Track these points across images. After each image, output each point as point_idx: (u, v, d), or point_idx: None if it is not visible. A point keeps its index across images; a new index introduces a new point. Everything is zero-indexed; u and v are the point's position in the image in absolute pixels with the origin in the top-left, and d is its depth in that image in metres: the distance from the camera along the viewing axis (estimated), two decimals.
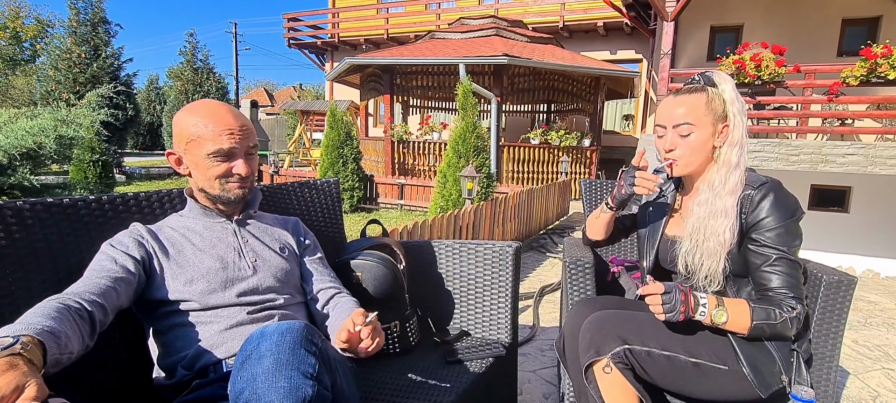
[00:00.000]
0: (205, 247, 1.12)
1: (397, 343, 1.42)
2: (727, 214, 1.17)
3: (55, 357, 0.73)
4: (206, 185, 1.13)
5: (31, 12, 26.39)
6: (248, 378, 0.74)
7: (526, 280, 3.97)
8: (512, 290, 1.55)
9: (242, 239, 1.19)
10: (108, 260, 1.01)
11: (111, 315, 0.94)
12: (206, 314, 1.07)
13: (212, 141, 1.08)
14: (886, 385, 2.37)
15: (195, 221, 1.17)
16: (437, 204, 5.41)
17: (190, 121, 1.08)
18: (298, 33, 15.45)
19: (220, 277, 1.09)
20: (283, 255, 1.23)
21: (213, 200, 1.16)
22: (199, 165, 1.10)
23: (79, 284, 0.94)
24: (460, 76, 7.91)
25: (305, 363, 0.77)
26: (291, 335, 0.79)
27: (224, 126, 1.09)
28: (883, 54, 4.58)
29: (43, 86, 12.60)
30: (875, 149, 4.49)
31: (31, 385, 0.62)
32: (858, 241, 5.52)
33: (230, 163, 1.12)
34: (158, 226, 1.15)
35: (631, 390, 1.14)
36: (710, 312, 1.11)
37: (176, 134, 1.11)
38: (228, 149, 1.09)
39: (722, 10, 7.75)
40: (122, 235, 1.08)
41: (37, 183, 7.45)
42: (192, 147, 1.09)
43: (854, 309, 3.54)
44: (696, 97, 1.22)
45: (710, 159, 1.25)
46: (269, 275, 1.16)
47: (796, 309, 1.11)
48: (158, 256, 1.08)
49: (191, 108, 1.11)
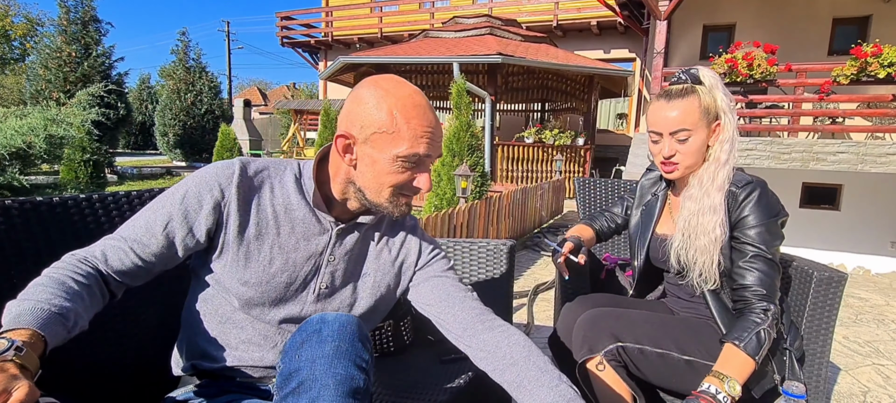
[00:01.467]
0: (286, 245, 0.93)
1: (391, 343, 1.42)
2: (716, 210, 1.18)
3: (62, 337, 0.73)
4: (373, 191, 0.91)
5: (20, 11, 26.12)
6: (308, 359, 0.75)
7: (520, 278, 3.98)
8: (506, 289, 1.55)
9: (331, 255, 0.96)
10: (163, 219, 0.87)
11: (143, 280, 0.90)
12: (242, 316, 0.95)
13: (408, 142, 0.86)
14: (876, 380, 2.40)
15: (300, 204, 0.94)
16: (431, 202, 5.40)
17: (386, 106, 0.85)
18: (292, 32, 15.39)
19: (276, 293, 0.93)
20: (365, 283, 1.01)
21: (368, 206, 0.94)
22: (379, 164, 0.88)
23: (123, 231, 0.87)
24: (454, 75, 7.91)
25: (361, 356, 0.78)
26: (351, 326, 0.80)
27: (426, 125, 0.87)
28: (873, 53, 4.63)
29: (33, 86, 12.48)
30: (865, 147, 4.53)
31: (20, 388, 0.61)
32: (849, 239, 5.58)
33: (416, 173, 0.91)
34: (261, 184, 0.93)
35: (624, 387, 1.15)
36: (727, 393, 1.04)
37: (359, 115, 0.87)
38: (422, 156, 0.88)
39: (714, 9, 7.79)
40: (206, 186, 0.88)
41: (26, 183, 7.38)
42: (380, 140, 0.86)
43: (845, 306, 3.57)
44: (690, 101, 1.20)
45: (703, 157, 1.25)
46: (328, 309, 0.97)
47: (769, 313, 1.11)
48: (229, 233, 0.89)
49: (388, 89, 0.86)
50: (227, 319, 0.95)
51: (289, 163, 0.99)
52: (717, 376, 1.07)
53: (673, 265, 1.28)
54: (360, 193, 0.93)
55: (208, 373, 0.98)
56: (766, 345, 1.09)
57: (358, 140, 0.88)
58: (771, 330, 1.10)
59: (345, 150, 0.89)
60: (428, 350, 1.45)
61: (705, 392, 1.04)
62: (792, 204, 6.23)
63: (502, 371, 0.90)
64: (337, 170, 0.94)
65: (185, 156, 16.73)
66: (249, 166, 0.93)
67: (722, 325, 1.19)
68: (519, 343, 0.91)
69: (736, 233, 1.18)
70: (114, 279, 0.86)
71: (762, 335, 1.09)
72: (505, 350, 0.91)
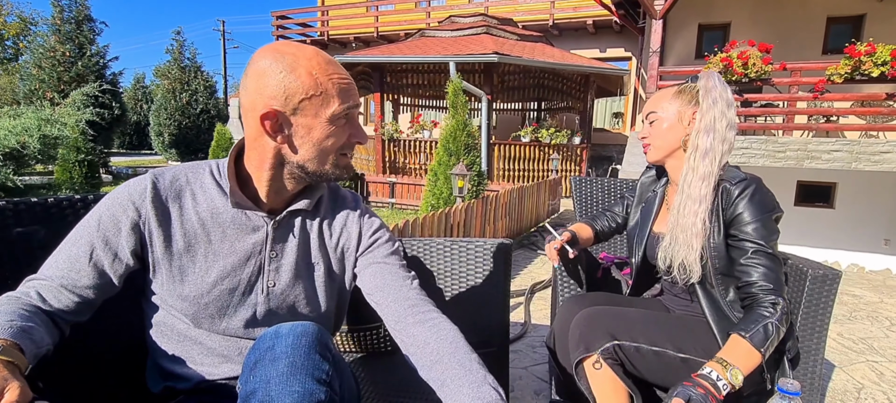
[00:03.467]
0: (220, 251, 0.87)
1: (388, 342, 1.42)
2: (697, 200, 1.18)
3: (33, 352, 0.70)
4: (317, 161, 0.85)
5: (13, 10, 25.87)
6: (262, 380, 0.72)
7: (517, 277, 3.98)
8: (503, 288, 1.55)
9: (271, 251, 0.91)
10: (85, 249, 0.81)
11: (87, 314, 0.84)
12: (197, 331, 0.91)
13: (338, 98, 0.81)
14: (870, 376, 2.41)
15: (227, 207, 0.88)
16: (428, 202, 5.40)
17: (303, 69, 0.78)
18: (287, 31, 15.34)
19: (221, 302, 0.88)
20: (316, 273, 0.96)
21: (308, 178, 0.88)
22: (316, 131, 0.82)
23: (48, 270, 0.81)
24: (451, 74, 7.90)
25: (319, 368, 0.75)
26: (306, 338, 0.76)
27: (343, 76, 0.82)
28: (867, 52, 4.66)
29: (26, 85, 12.40)
30: (859, 145, 4.56)
31: (12, 388, 0.60)
32: (843, 236, 5.62)
33: (350, 128, 0.86)
34: (179, 193, 0.87)
35: (620, 385, 1.15)
36: (728, 380, 1.03)
37: (275, 88, 0.78)
38: (352, 107, 0.84)
39: (709, 8, 7.82)
40: (120, 207, 0.83)
41: (20, 183, 7.34)
42: (311, 106, 0.80)
43: (839, 303, 3.59)
44: (667, 90, 1.30)
45: (679, 147, 1.27)
46: (283, 305, 0.92)
47: (779, 306, 1.10)
48: (156, 251, 0.84)
49: (294, 53, 0.80)
50: (185, 337, 0.90)
51: (205, 164, 0.93)
52: (721, 363, 1.04)
53: (660, 267, 1.28)
54: (298, 170, 0.86)
55: (184, 392, 0.93)
56: (773, 339, 1.07)
57: (286, 113, 0.80)
58: (780, 325, 1.08)
59: (275, 130, 0.81)
60: None
61: (705, 378, 1.02)
62: (787, 202, 6.26)
63: (428, 368, 0.84)
64: (263, 158, 0.85)
65: (180, 155, 16.67)
66: (162, 178, 0.87)
67: (712, 324, 1.19)
68: (446, 338, 0.85)
69: (733, 231, 1.18)
70: (58, 316, 0.80)
71: (770, 328, 1.07)
72: (432, 345, 0.85)
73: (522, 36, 10.03)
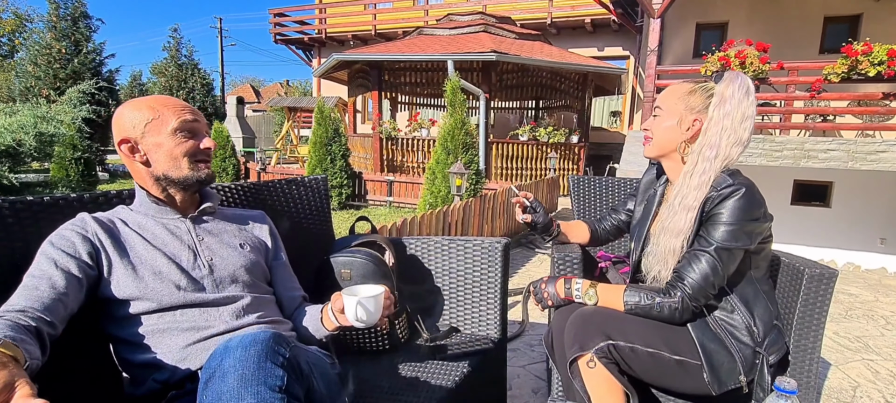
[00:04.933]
0: (157, 244, 1.04)
1: (386, 340, 1.42)
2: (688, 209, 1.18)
3: (25, 360, 0.70)
4: (172, 167, 1.05)
5: (8, 6, 25.69)
6: (213, 398, 0.72)
7: (515, 276, 3.99)
8: (501, 286, 1.56)
9: (198, 237, 1.10)
10: (48, 263, 0.90)
11: (61, 326, 0.87)
12: (166, 317, 0.99)
13: (174, 115, 1.04)
14: (866, 375, 2.43)
15: (146, 218, 1.07)
16: (426, 200, 5.40)
17: (143, 104, 1.04)
18: (285, 29, 15.29)
19: (173, 276, 1.01)
20: (244, 251, 1.15)
21: (180, 185, 1.07)
22: (164, 145, 1.03)
23: (18, 297, 0.84)
24: (449, 72, 7.90)
25: (272, 375, 0.75)
26: (256, 348, 0.76)
27: (178, 103, 1.07)
28: (863, 51, 4.67)
29: (22, 83, 12.34)
30: (856, 144, 4.58)
31: (22, 384, 0.60)
32: (840, 235, 5.64)
33: (197, 139, 1.07)
34: (109, 216, 1.05)
35: (615, 384, 1.15)
36: (583, 296, 1.27)
37: (127, 121, 1.03)
38: (191, 122, 1.06)
39: (707, 7, 7.84)
40: (66, 229, 0.97)
41: (16, 181, 7.30)
42: (153, 127, 1.03)
43: (835, 302, 3.61)
44: (681, 86, 1.27)
45: (675, 149, 1.26)
46: (227, 275, 1.08)
47: (678, 301, 1.15)
48: (107, 251, 0.98)
49: (138, 100, 1.06)
50: (154, 330, 0.98)
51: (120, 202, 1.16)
52: (593, 285, 1.26)
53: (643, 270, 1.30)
54: (164, 180, 1.06)
55: (164, 383, 0.97)
56: (647, 311, 1.18)
57: (137, 138, 1.03)
58: (662, 311, 1.17)
59: (132, 151, 1.03)
60: (423, 348, 1.45)
61: (568, 282, 1.29)
62: (783, 201, 6.28)
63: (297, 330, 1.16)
64: (138, 175, 1.07)
65: None
66: (93, 213, 1.04)
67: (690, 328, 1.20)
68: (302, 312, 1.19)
69: (702, 230, 1.18)
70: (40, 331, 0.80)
71: (650, 302, 1.18)
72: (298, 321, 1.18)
73: (520, 34, 10.01)
